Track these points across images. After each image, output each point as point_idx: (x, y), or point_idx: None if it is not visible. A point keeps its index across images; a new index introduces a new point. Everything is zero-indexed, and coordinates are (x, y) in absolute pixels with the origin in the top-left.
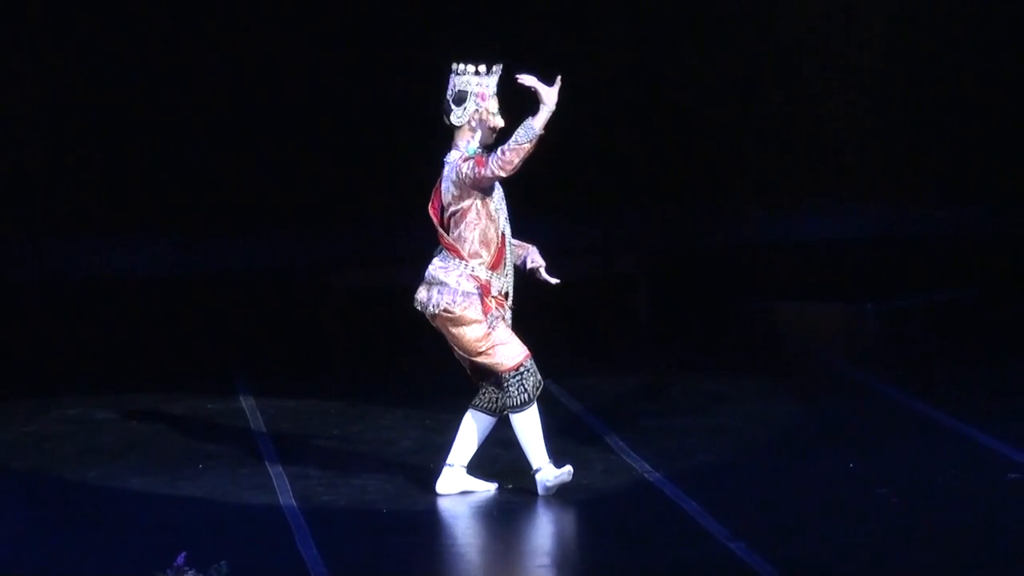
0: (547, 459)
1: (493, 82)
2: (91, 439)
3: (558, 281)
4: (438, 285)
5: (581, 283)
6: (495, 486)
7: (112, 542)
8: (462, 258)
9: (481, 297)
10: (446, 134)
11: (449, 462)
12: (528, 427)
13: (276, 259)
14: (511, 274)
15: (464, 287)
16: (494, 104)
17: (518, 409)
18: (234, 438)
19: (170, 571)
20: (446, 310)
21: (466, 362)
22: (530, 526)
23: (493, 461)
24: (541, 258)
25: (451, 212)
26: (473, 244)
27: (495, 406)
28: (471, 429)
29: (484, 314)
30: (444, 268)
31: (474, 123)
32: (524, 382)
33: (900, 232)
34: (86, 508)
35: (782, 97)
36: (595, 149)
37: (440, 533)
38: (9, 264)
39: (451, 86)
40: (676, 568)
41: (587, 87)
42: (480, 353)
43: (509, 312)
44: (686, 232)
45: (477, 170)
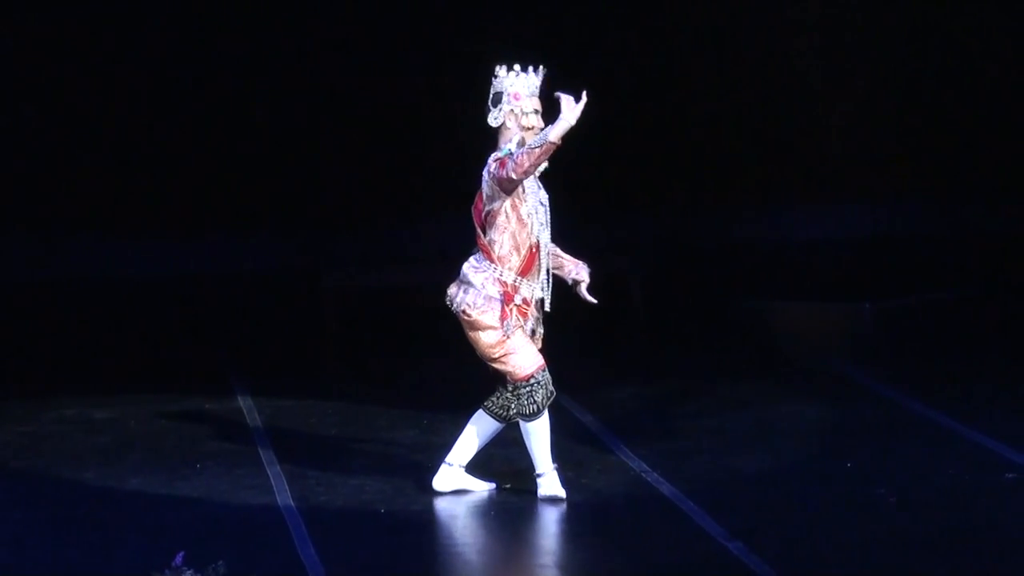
0: (551, 467)
1: (529, 82)
2: (88, 439)
3: (596, 302)
4: (466, 284)
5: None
6: (492, 486)
7: (110, 542)
8: (492, 261)
9: (502, 304)
10: (488, 136)
11: (448, 460)
12: (535, 435)
13: (274, 259)
14: (547, 282)
15: (488, 291)
16: (529, 104)
17: (528, 418)
18: (232, 438)
19: (168, 571)
20: (464, 312)
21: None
22: (527, 526)
23: (490, 460)
24: (587, 276)
25: (486, 213)
26: (503, 247)
27: (506, 413)
28: (476, 431)
29: (500, 321)
30: (475, 268)
31: (510, 123)
32: (534, 393)
33: (897, 232)
34: (83, 508)
35: (777, 97)
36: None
37: (438, 533)
38: (4, 264)
39: (491, 89)
40: (673, 568)
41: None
42: (494, 360)
43: (535, 320)
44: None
45: (499, 171)
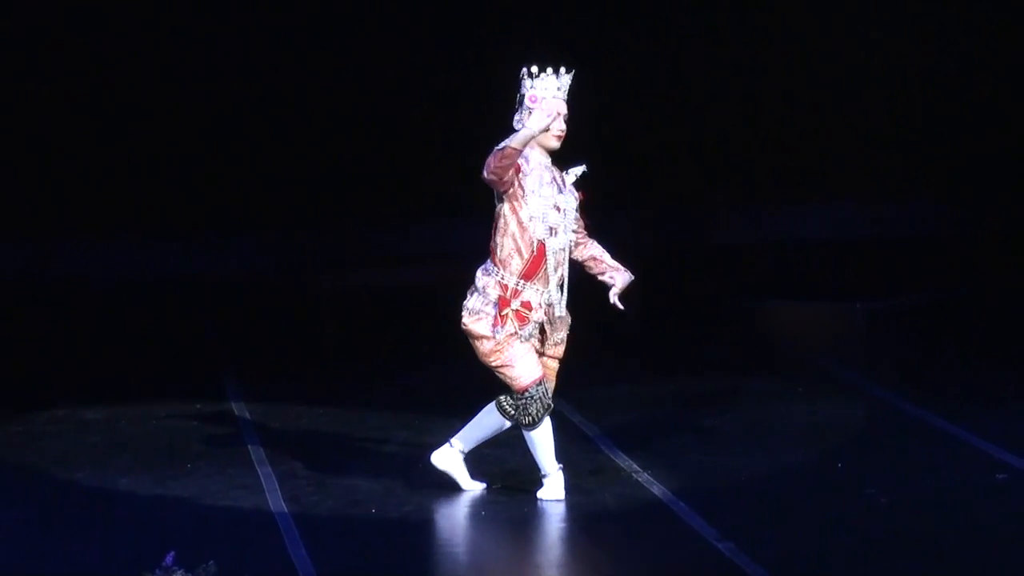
0: (555, 469)
1: (549, 83)
2: (79, 439)
3: (623, 309)
4: (474, 288)
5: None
6: (483, 486)
7: (100, 542)
8: (495, 264)
9: (497, 309)
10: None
11: (451, 441)
12: (535, 442)
13: (265, 261)
14: (560, 288)
15: (490, 295)
16: (543, 105)
17: (525, 428)
18: (223, 439)
19: (159, 571)
20: (461, 319)
21: None
22: (518, 526)
23: (481, 460)
24: (620, 281)
25: (495, 215)
26: (503, 250)
27: (513, 414)
28: (484, 422)
29: (492, 328)
30: (484, 271)
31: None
32: (528, 407)
33: (890, 232)
34: (74, 508)
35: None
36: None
37: (429, 533)
38: None
39: (519, 91)
40: (664, 568)
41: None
42: (493, 368)
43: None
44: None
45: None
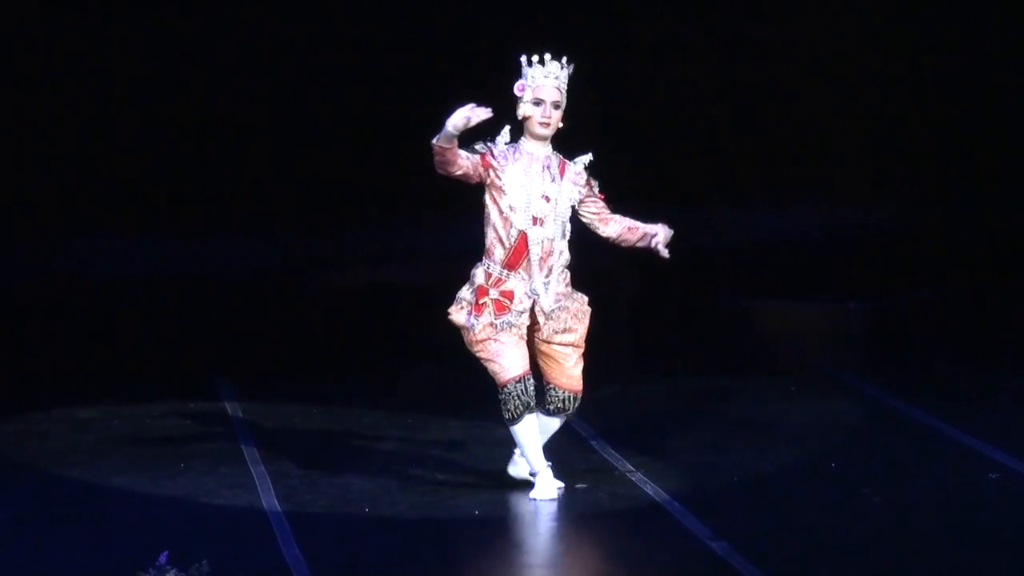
0: (542, 467)
1: (536, 72)
2: (73, 438)
3: (667, 255)
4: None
5: None
6: (561, 485)
7: (94, 541)
8: (483, 253)
9: (476, 297)
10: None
11: (516, 452)
12: (518, 439)
13: (259, 260)
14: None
15: (475, 282)
16: (529, 94)
17: (505, 423)
18: (216, 438)
19: (152, 570)
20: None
21: None
22: (511, 525)
23: (475, 460)
24: (665, 237)
25: None
26: (487, 239)
27: (550, 407)
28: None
29: (467, 317)
30: (479, 261)
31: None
32: (506, 403)
33: (883, 231)
34: (67, 507)
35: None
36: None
37: (422, 533)
38: None
39: None
40: (657, 568)
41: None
42: (479, 359)
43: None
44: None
45: None
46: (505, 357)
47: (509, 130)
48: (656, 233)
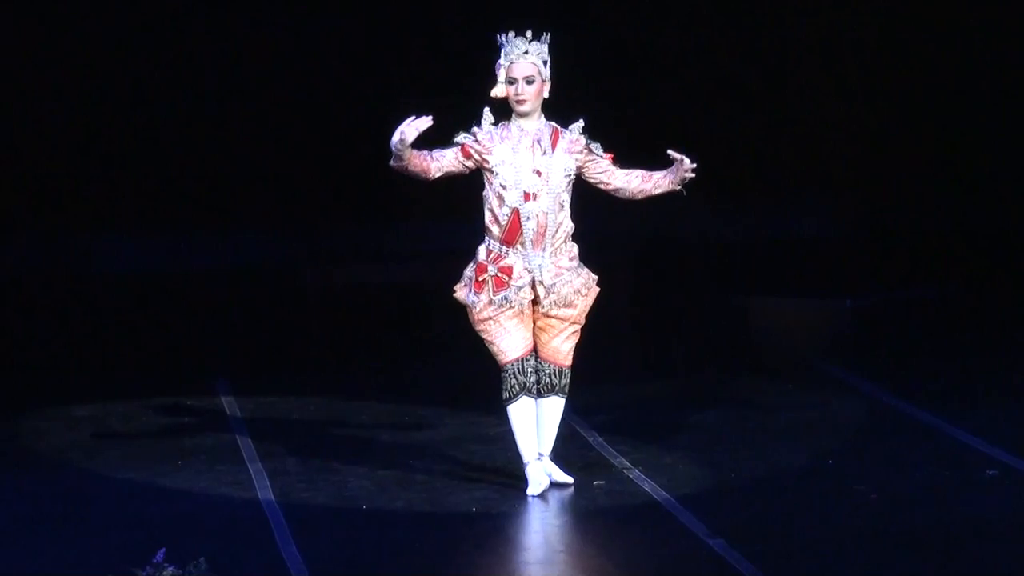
0: (531, 457)
1: (508, 51)
2: (69, 435)
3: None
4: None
5: None
6: (571, 480)
7: (90, 539)
8: (483, 230)
9: (476, 274)
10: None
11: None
12: (510, 420)
13: (257, 255)
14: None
15: (477, 259)
16: (503, 73)
17: (503, 402)
18: (213, 435)
19: (149, 568)
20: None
21: None
22: (507, 522)
23: (471, 456)
24: (688, 164)
25: None
26: (486, 218)
27: (539, 387)
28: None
29: (467, 294)
30: (482, 240)
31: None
32: (504, 382)
33: (878, 228)
34: (64, 505)
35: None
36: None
37: (419, 529)
38: None
39: None
40: (654, 565)
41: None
42: (483, 340)
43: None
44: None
45: None
46: (505, 340)
47: (490, 110)
48: (681, 160)
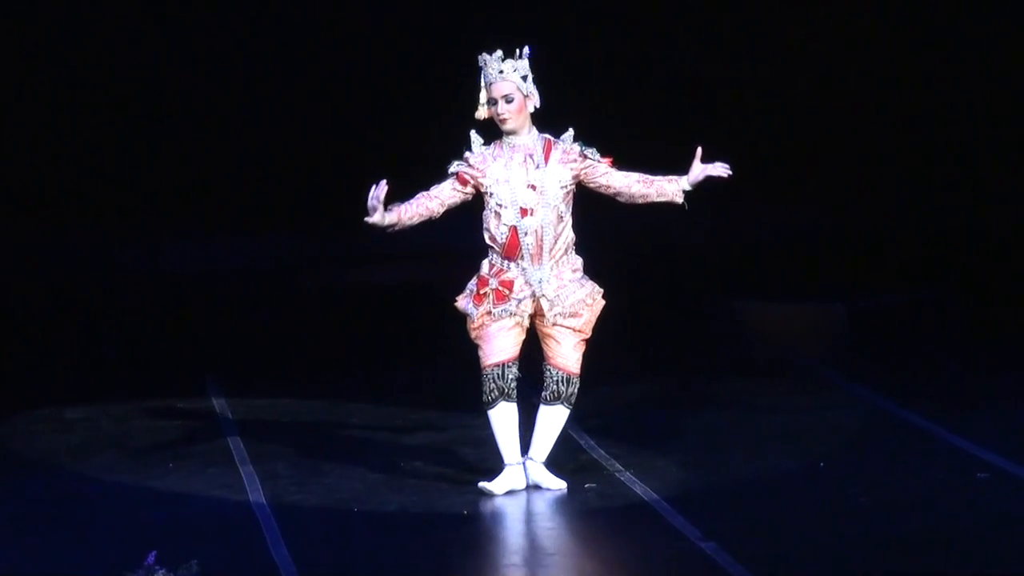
0: (513, 460)
1: (486, 72)
2: (60, 438)
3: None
4: None
5: None
6: (564, 484)
7: (81, 541)
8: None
9: (477, 288)
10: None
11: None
12: (491, 425)
13: (249, 258)
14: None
15: (480, 272)
16: (482, 95)
17: (483, 406)
18: (205, 437)
19: (140, 571)
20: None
21: None
22: (499, 524)
23: (460, 459)
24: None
25: None
26: (487, 235)
27: (545, 393)
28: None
29: (466, 304)
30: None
31: None
32: (483, 385)
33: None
34: (55, 507)
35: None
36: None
37: (411, 533)
38: None
39: None
40: (646, 567)
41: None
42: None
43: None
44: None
45: None
46: (492, 343)
47: (476, 132)
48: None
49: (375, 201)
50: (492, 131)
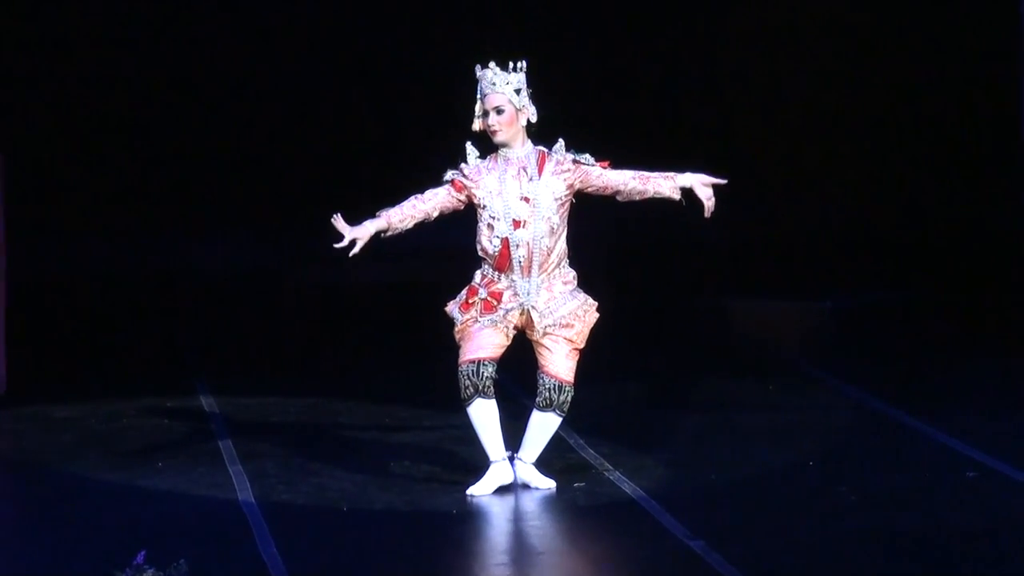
0: (498, 457)
1: (481, 84)
2: (48, 438)
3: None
4: None
5: None
6: (553, 483)
7: (70, 541)
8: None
9: (466, 296)
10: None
11: (519, 456)
12: (472, 423)
13: (237, 256)
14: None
15: (472, 281)
16: (477, 107)
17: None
18: (193, 436)
19: (129, 570)
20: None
21: None
22: (488, 524)
23: (450, 458)
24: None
25: None
26: (479, 247)
27: (539, 400)
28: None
29: (454, 309)
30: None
31: None
32: (460, 381)
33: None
34: (43, 507)
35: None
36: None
37: (400, 532)
38: None
39: None
40: (635, 567)
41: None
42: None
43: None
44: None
45: None
46: (472, 340)
47: (472, 144)
48: (684, 185)
49: (342, 229)
50: (489, 144)
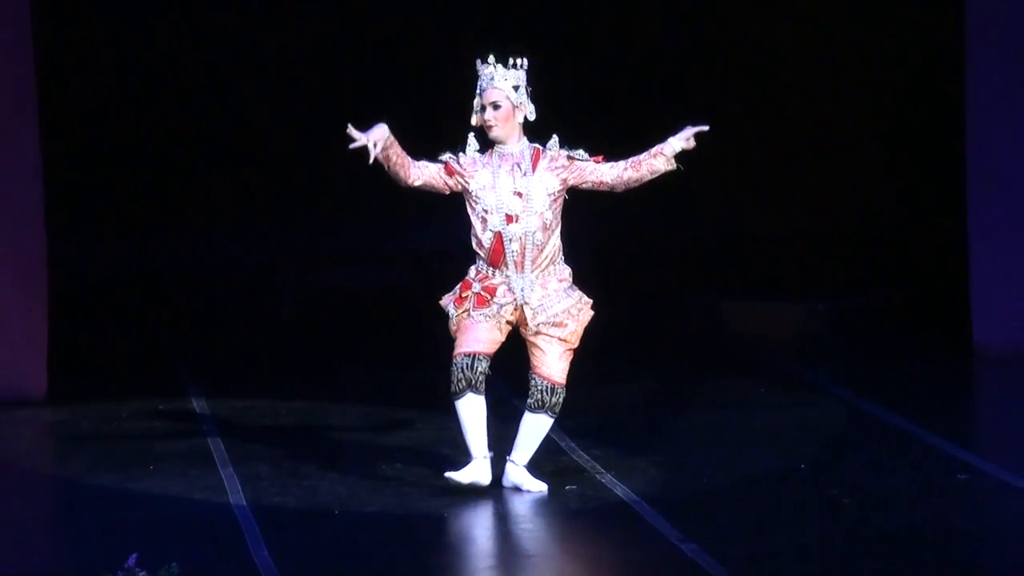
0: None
1: (480, 81)
2: (40, 440)
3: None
4: None
5: None
6: (545, 486)
7: (62, 543)
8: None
9: (460, 290)
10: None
11: (511, 458)
12: (458, 417)
13: (229, 257)
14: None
15: (467, 276)
16: (476, 102)
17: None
18: (185, 439)
19: (121, 572)
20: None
21: None
22: (479, 527)
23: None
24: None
25: None
26: (472, 241)
27: (530, 401)
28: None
29: (448, 303)
30: None
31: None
32: (451, 376)
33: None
34: (35, 510)
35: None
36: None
37: (391, 534)
38: None
39: None
40: (627, 569)
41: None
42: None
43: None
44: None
45: None
46: (467, 333)
47: (474, 136)
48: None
49: (356, 135)
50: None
